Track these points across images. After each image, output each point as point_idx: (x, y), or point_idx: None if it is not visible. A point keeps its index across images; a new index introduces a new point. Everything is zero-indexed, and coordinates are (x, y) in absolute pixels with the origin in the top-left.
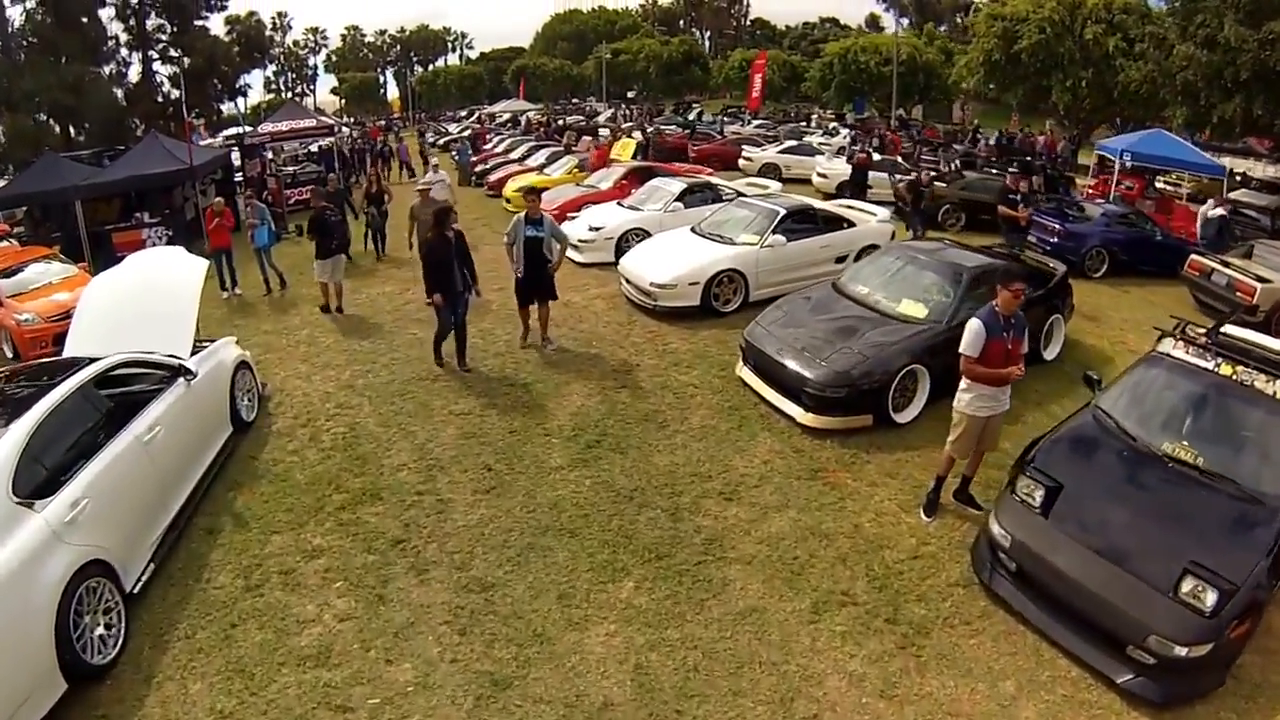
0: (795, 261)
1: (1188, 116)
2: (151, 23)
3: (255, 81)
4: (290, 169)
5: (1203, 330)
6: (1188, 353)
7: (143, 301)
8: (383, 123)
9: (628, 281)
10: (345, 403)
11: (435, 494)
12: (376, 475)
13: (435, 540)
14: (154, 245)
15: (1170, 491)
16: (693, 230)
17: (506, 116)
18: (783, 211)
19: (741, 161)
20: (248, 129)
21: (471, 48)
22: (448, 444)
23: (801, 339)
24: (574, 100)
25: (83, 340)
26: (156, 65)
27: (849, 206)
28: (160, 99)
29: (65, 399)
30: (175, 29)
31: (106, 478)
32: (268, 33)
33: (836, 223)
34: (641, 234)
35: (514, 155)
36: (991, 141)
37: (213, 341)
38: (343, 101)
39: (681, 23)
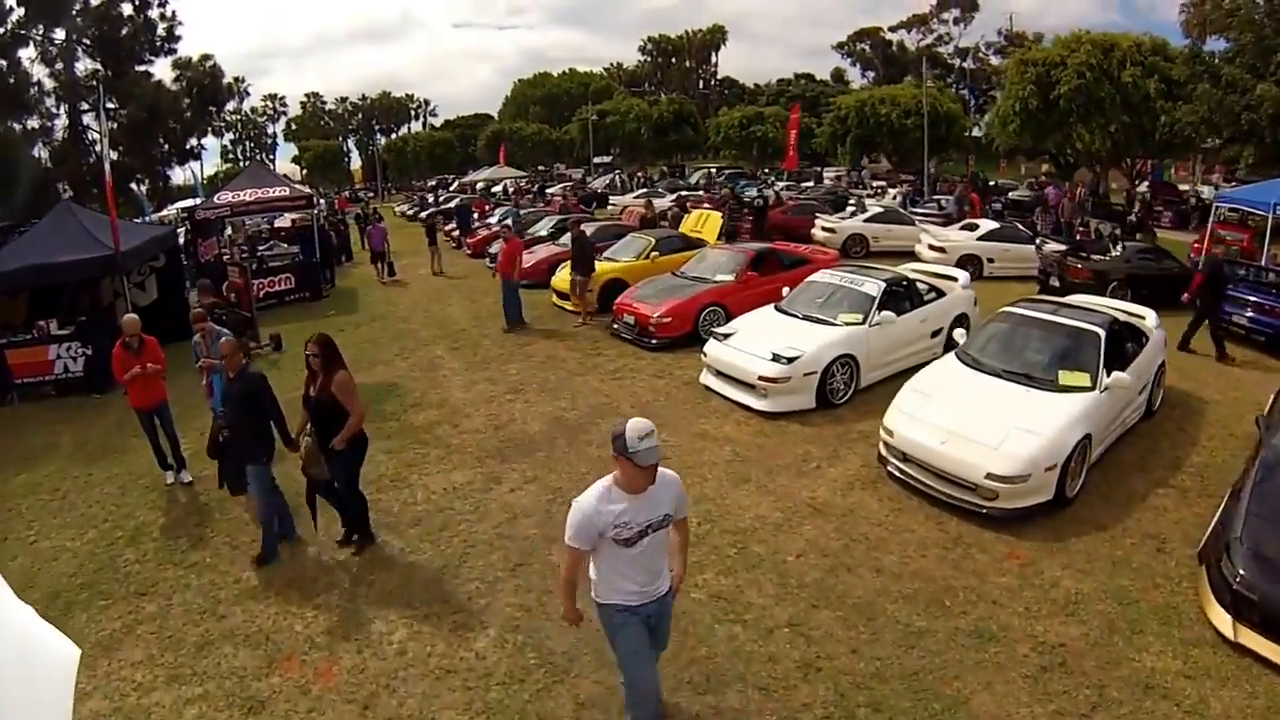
0: (1123, 406)
1: (1256, 155)
2: (84, 67)
3: (212, 148)
4: (258, 249)
5: None
6: None
7: None
8: (347, 193)
9: (904, 459)
10: None
11: None
12: None
13: None
14: (64, 366)
15: None
16: (964, 360)
17: (482, 184)
18: (1103, 332)
19: (820, 233)
20: (199, 201)
21: (435, 115)
22: None
23: None
24: (541, 167)
25: None
26: (88, 119)
27: (1126, 310)
28: (93, 158)
29: None
30: (110, 74)
31: None
32: (225, 80)
33: (1136, 337)
34: (848, 363)
35: (540, 232)
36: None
37: None
38: (304, 171)
39: (647, 84)
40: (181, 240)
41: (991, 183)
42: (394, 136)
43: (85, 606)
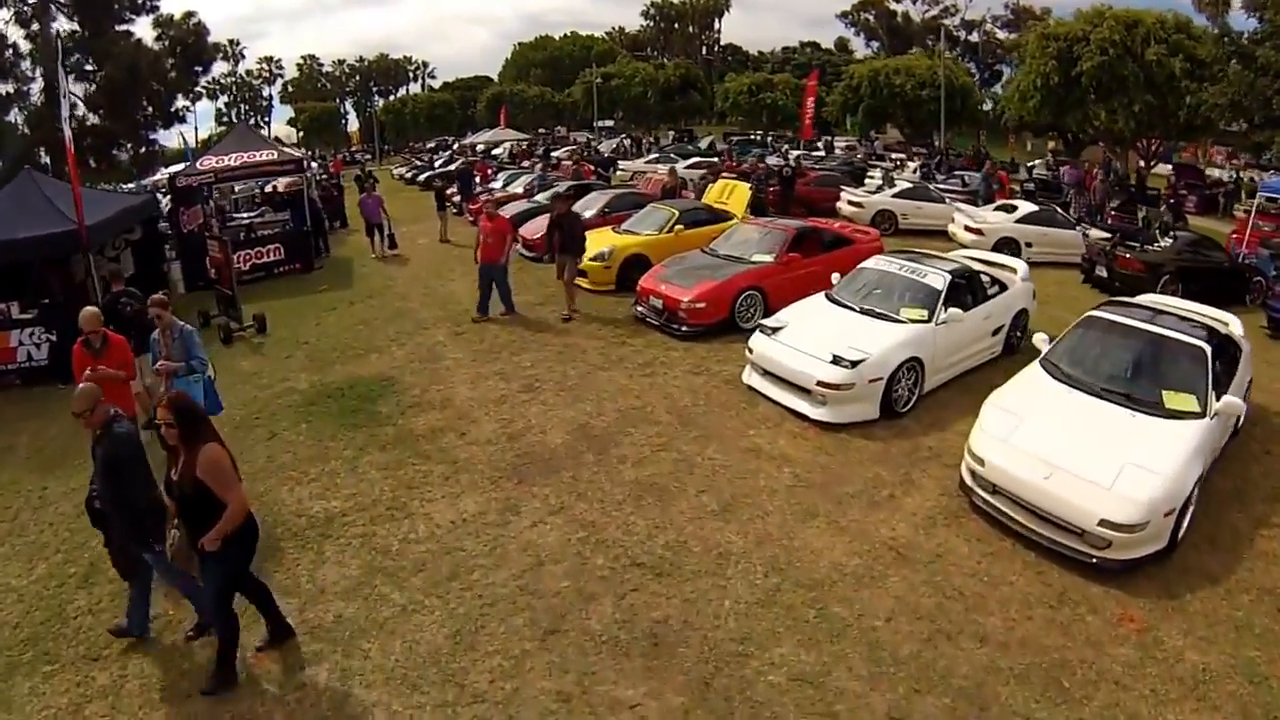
0: (1224, 432)
1: None
2: (62, 27)
3: (207, 112)
4: (244, 217)
5: None
6: None
7: None
8: (343, 155)
9: (993, 491)
10: None
11: None
12: None
13: None
14: (28, 353)
15: None
16: (1052, 373)
17: (483, 146)
18: (1209, 347)
19: (846, 208)
20: (179, 167)
21: (434, 77)
22: None
23: None
24: (542, 130)
25: None
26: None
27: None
28: (73, 122)
29: None
30: (88, 34)
31: None
32: (211, 39)
33: (1233, 350)
34: (914, 367)
35: (546, 199)
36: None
37: None
38: (300, 133)
39: (650, 49)
40: (166, 209)
41: (1006, 160)
42: (392, 98)
43: (29, 672)
